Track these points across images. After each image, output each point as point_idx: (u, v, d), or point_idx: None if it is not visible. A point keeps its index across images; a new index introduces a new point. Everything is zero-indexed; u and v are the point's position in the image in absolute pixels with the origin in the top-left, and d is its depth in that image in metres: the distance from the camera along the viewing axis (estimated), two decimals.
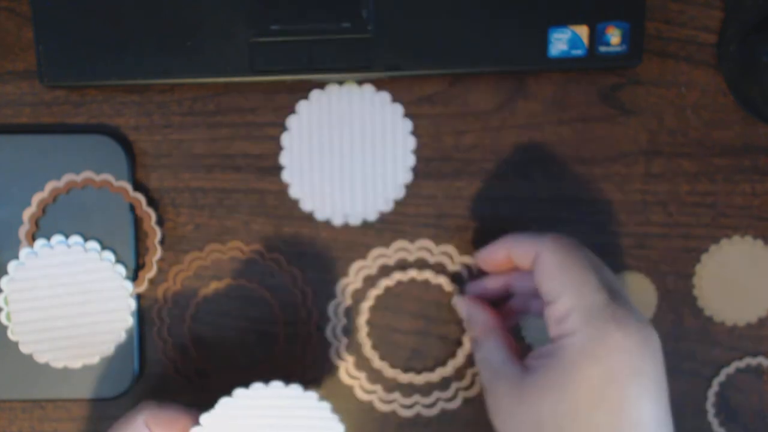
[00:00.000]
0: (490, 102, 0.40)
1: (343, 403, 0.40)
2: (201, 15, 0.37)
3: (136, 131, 0.40)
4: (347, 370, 0.40)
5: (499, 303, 0.39)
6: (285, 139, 0.39)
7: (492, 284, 0.38)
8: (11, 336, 0.39)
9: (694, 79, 0.39)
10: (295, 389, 0.32)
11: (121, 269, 0.39)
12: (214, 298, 0.40)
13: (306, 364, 0.40)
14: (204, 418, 0.32)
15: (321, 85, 0.39)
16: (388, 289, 0.40)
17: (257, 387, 0.32)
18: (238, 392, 0.32)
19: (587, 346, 0.29)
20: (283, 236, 0.40)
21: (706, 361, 0.41)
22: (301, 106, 0.39)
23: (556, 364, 0.30)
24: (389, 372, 0.40)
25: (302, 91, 0.39)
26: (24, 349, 0.39)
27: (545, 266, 0.32)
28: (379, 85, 0.39)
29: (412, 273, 0.40)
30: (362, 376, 0.40)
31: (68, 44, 0.37)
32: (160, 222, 0.40)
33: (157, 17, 0.37)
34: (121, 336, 0.39)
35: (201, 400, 0.34)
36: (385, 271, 0.40)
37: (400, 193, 0.40)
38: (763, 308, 0.41)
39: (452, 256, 0.40)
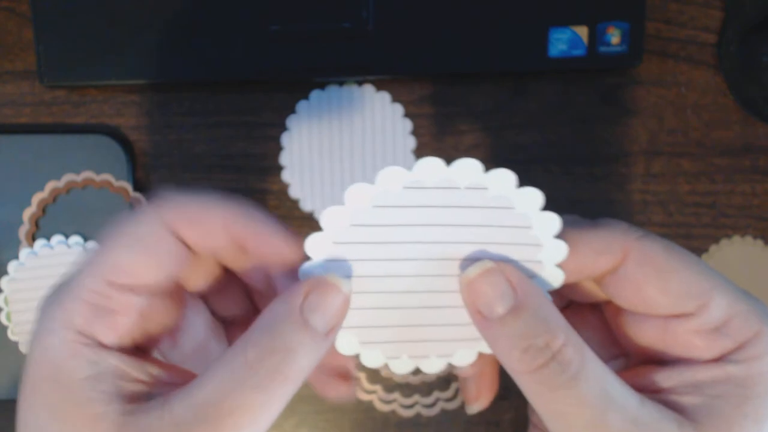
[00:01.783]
0: (490, 102, 0.39)
1: (344, 403, 0.40)
2: (201, 15, 0.37)
3: (136, 131, 0.40)
4: None
5: None
6: (285, 139, 0.39)
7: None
8: (11, 336, 0.39)
9: (694, 79, 0.39)
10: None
11: None
12: None
13: None
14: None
15: (321, 85, 0.39)
16: None
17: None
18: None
19: None
20: None
21: None
22: (301, 106, 0.39)
23: (745, 402, 0.20)
24: (389, 372, 0.40)
25: (302, 91, 0.39)
26: (24, 349, 0.39)
27: (654, 264, 0.22)
28: (379, 85, 0.39)
29: None
30: (362, 376, 0.40)
31: (68, 44, 0.37)
32: None
33: (157, 17, 0.37)
34: None
35: None
36: None
37: None
38: None
39: None
